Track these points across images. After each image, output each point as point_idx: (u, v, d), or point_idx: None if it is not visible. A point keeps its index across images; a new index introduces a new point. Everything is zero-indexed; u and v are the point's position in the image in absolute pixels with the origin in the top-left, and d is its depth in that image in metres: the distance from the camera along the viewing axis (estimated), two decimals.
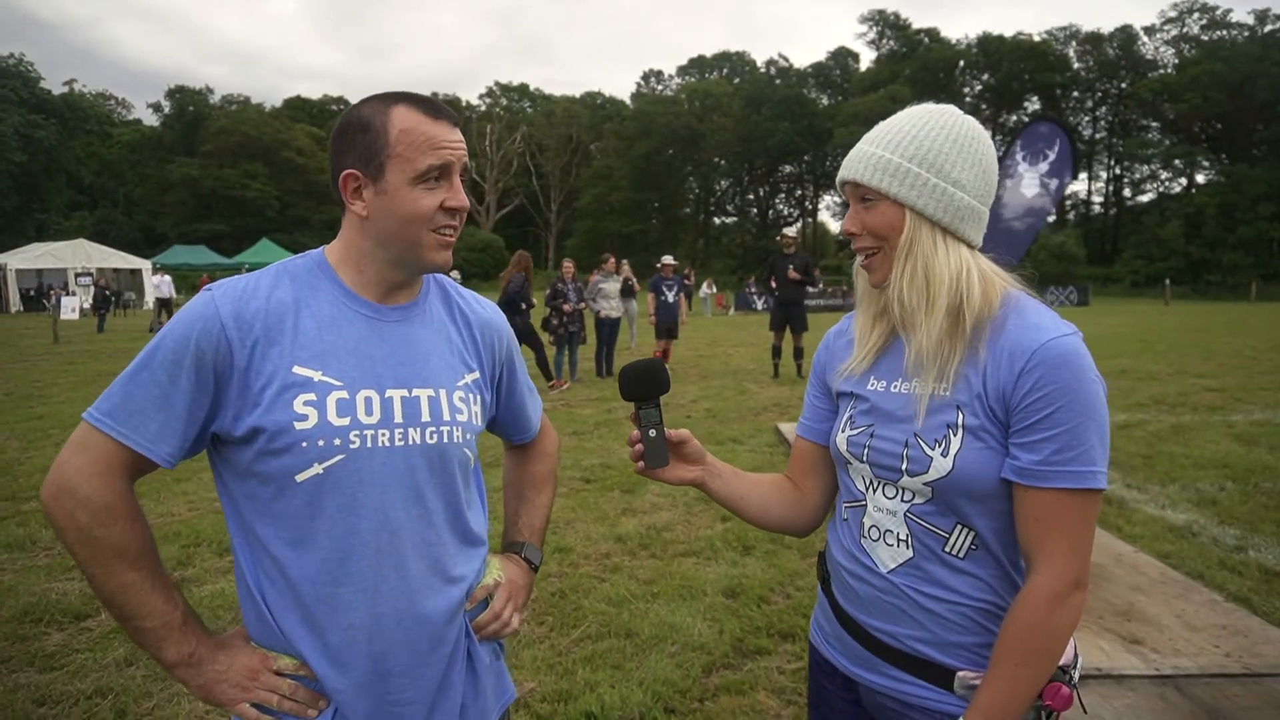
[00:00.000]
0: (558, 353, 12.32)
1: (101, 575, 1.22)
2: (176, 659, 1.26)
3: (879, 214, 1.30)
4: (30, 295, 36.61)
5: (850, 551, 1.40)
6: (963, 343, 1.26)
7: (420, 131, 1.27)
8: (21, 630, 3.75)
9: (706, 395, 10.91)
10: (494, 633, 1.47)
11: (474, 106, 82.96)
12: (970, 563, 1.28)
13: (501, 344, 1.55)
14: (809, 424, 1.55)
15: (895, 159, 1.29)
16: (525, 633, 3.69)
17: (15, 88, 57.40)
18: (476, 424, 1.45)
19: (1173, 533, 5.03)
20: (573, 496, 5.94)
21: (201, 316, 1.25)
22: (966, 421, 1.24)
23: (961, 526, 1.27)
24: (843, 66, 76.47)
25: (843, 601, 1.42)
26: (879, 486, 1.35)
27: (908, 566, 1.30)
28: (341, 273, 1.35)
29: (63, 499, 1.20)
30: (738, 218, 79.38)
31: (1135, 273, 56.93)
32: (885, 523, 1.33)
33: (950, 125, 1.31)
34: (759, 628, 3.69)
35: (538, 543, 1.66)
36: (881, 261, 1.33)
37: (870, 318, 1.42)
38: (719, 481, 1.51)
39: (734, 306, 37.06)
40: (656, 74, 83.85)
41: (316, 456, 1.25)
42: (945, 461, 1.24)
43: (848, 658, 1.42)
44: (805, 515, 1.57)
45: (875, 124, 1.39)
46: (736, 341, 19.58)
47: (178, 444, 1.25)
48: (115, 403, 1.23)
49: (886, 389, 1.36)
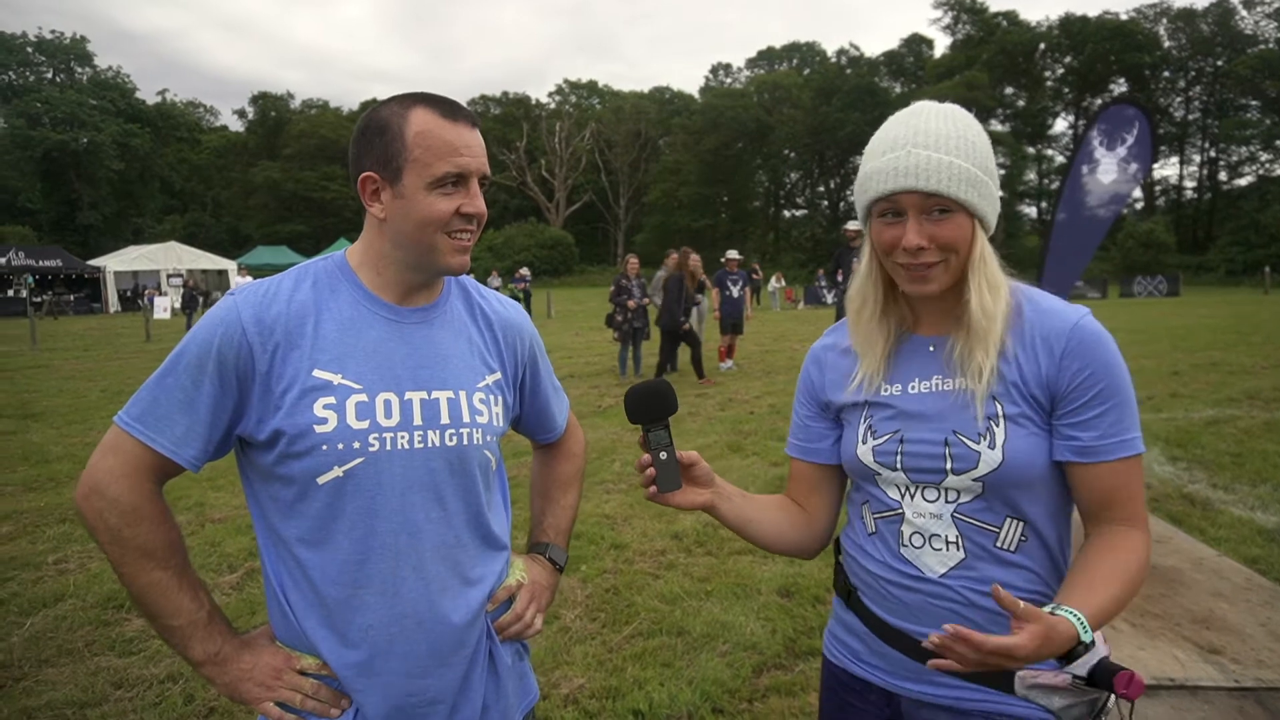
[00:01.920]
0: (622, 349, 12.35)
1: (130, 573, 1.25)
2: (202, 657, 1.28)
3: (955, 225, 1.24)
4: (126, 296, 38.52)
5: (888, 563, 1.36)
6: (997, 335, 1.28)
7: (437, 136, 1.27)
8: (105, 616, 3.95)
9: (770, 391, 10.79)
10: (516, 634, 1.46)
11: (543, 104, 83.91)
12: (1021, 555, 1.28)
13: (524, 344, 1.54)
14: (804, 444, 1.52)
15: (970, 168, 1.24)
16: (576, 628, 3.71)
17: (113, 99, 60.35)
18: (498, 425, 1.44)
19: (1262, 536, 4.76)
20: (631, 493, 5.95)
21: (224, 321, 1.26)
22: (1007, 411, 1.25)
23: (1012, 519, 1.27)
24: (916, 54, 74.58)
25: (884, 614, 1.38)
26: (917, 491, 1.32)
27: (960, 568, 1.28)
28: (362, 275, 1.36)
29: (93, 499, 1.24)
30: (808, 210, 78.20)
31: (1231, 260, 53.95)
32: (930, 527, 1.31)
33: (975, 123, 1.29)
34: (813, 628, 3.63)
35: (562, 543, 1.65)
36: (942, 272, 1.27)
37: (874, 323, 1.37)
38: (728, 505, 1.47)
39: (803, 300, 36.57)
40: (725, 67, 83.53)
41: (336, 459, 1.26)
42: (995, 454, 1.24)
43: (891, 672, 1.38)
44: (813, 535, 1.54)
45: None
46: (804, 336, 19.32)
47: (201, 447, 1.27)
48: (143, 407, 1.26)
49: (904, 391, 1.34)
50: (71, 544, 4.96)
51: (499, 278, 32.91)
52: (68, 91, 57.68)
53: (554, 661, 3.42)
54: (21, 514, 5.67)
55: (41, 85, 58.38)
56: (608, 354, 14.58)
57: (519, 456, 6.44)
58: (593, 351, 16.17)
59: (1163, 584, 3.96)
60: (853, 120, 64.12)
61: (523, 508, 1.78)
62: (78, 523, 5.31)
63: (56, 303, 35.64)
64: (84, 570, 4.52)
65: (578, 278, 64.18)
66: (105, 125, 56.84)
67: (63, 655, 3.55)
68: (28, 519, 5.56)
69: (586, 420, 8.86)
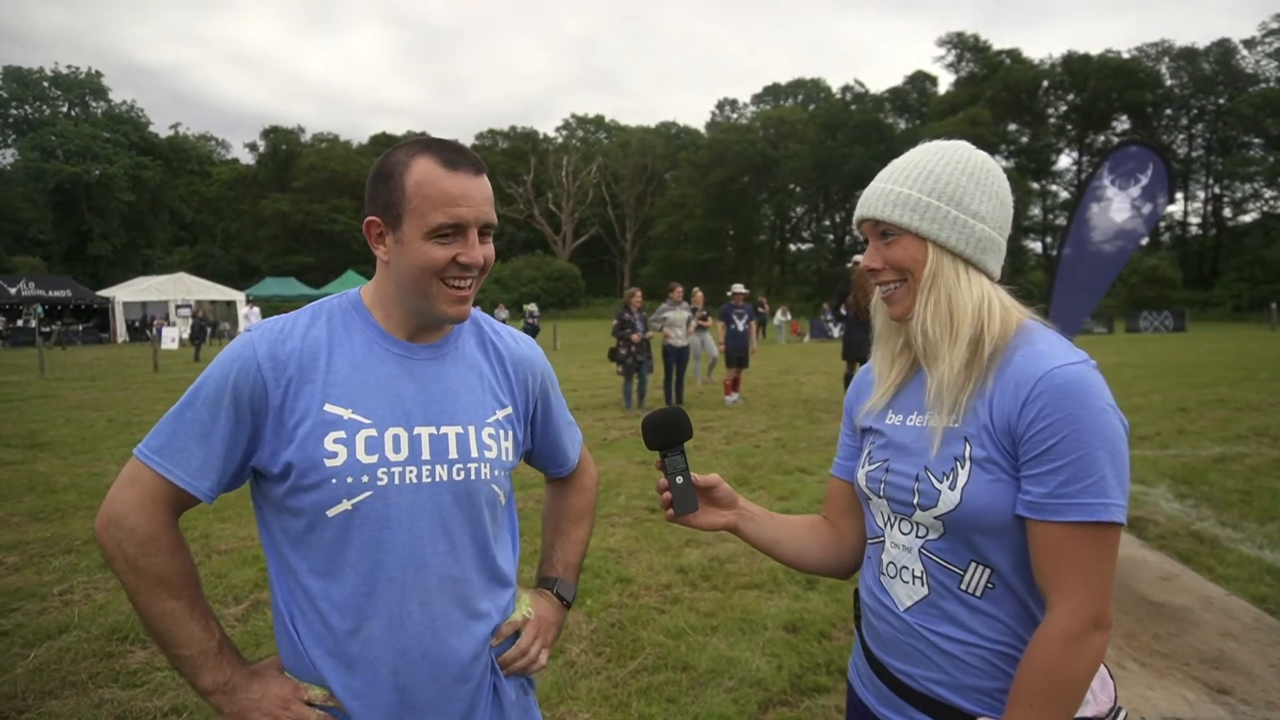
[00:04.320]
0: (626, 381, 12.37)
1: (145, 602, 1.28)
2: (212, 686, 1.30)
3: (901, 248, 1.31)
4: (135, 326, 38.74)
5: (871, 589, 1.40)
6: (978, 373, 1.25)
7: (435, 186, 1.28)
8: (109, 648, 3.94)
9: (776, 425, 10.78)
10: (521, 669, 1.47)
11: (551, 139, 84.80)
12: (988, 602, 1.24)
13: (535, 379, 1.56)
14: (842, 463, 1.55)
15: (915, 194, 1.29)
16: (582, 663, 3.70)
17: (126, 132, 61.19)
18: (507, 460, 1.45)
19: (1270, 574, 4.72)
20: (637, 526, 5.93)
21: (240, 357, 1.30)
22: (974, 453, 1.22)
23: (976, 564, 1.24)
24: (920, 90, 75.38)
25: (869, 641, 1.42)
26: (895, 522, 1.34)
27: (924, 605, 1.29)
28: (375, 313, 1.40)
29: (112, 529, 1.28)
30: (813, 244, 78.64)
31: (1237, 296, 54.02)
32: (901, 559, 1.32)
33: (965, 159, 1.32)
34: (819, 664, 3.61)
35: (571, 578, 1.65)
36: (904, 295, 1.33)
37: (890, 353, 1.42)
38: (752, 525, 1.50)
39: (809, 334, 36.62)
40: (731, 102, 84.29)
41: (345, 493, 1.29)
42: (953, 495, 1.23)
43: (876, 698, 1.40)
44: (844, 556, 1.55)
45: None
46: (810, 370, 19.33)
47: (216, 479, 1.31)
48: (163, 440, 1.30)
49: (902, 423, 1.37)
50: (77, 575, 4.96)
51: (505, 310, 33.00)
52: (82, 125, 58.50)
53: (559, 696, 3.40)
54: (27, 544, 5.67)
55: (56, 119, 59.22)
56: (613, 386, 14.60)
57: (527, 489, 6.44)
58: (598, 384, 16.18)
59: (1171, 623, 3.93)
60: (857, 155, 64.65)
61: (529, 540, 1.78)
62: (83, 553, 5.31)
63: (65, 333, 35.83)
64: (89, 601, 4.52)
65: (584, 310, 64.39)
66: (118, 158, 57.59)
67: (66, 687, 3.54)
68: (33, 549, 5.56)
69: (593, 453, 8.79)
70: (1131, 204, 5.68)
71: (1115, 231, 5.85)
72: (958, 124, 57.99)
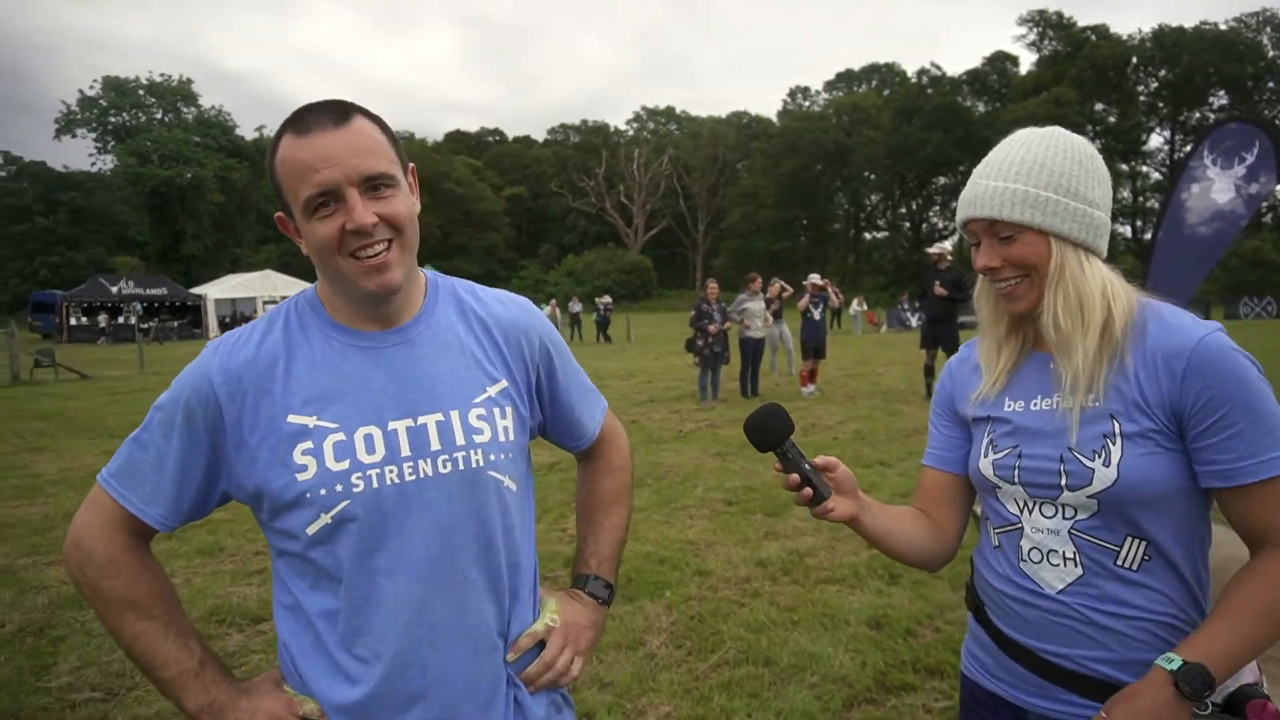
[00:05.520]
0: (701, 373, 12.33)
1: (114, 625, 1.23)
2: (195, 708, 1.23)
3: (1023, 246, 1.30)
4: (225, 322, 40.39)
5: (1009, 577, 1.37)
6: (1111, 352, 1.27)
7: (292, 160, 1.15)
8: (207, 630, 4.10)
9: (854, 417, 10.60)
10: (549, 683, 1.34)
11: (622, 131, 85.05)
12: (1145, 575, 1.26)
13: (531, 344, 1.39)
14: (939, 453, 1.54)
15: (1032, 190, 1.28)
16: (663, 655, 3.69)
17: (215, 135, 63.64)
18: (505, 440, 1.30)
19: None
20: (715, 519, 5.91)
21: (194, 373, 1.23)
22: (1124, 429, 1.24)
23: (1132, 538, 1.25)
24: (1000, 71, 72.92)
25: (1007, 629, 1.39)
26: (1035, 506, 1.33)
27: (1078, 585, 1.28)
28: (329, 307, 1.28)
29: (73, 553, 1.24)
30: (889, 232, 76.96)
31: None
32: (1048, 543, 1.31)
33: (1071, 147, 1.32)
34: (904, 662, 3.53)
35: (607, 573, 1.48)
36: (1027, 290, 1.32)
37: (995, 341, 1.43)
38: (869, 516, 1.44)
39: (886, 324, 35.91)
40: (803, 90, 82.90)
41: (321, 506, 1.18)
42: (1109, 471, 1.24)
43: (1017, 686, 1.37)
44: (943, 547, 1.54)
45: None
46: (888, 361, 18.95)
47: (170, 505, 1.23)
48: (119, 464, 1.24)
49: (1026, 408, 1.36)
50: (177, 560, 5.18)
51: (579, 303, 33.28)
52: (174, 130, 61.09)
53: (640, 688, 3.40)
54: None
55: (151, 125, 61.93)
56: (687, 378, 14.58)
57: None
58: (672, 376, 16.18)
59: None
60: (934, 140, 63.01)
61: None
62: (182, 539, 5.54)
63: (161, 329, 37.63)
64: (189, 585, 4.72)
65: (656, 302, 64.50)
66: (207, 161, 59.91)
67: None
68: None
69: (668, 446, 8.85)
70: (1234, 184, 5.39)
71: (1213, 213, 5.55)
72: (1041, 104, 55.85)
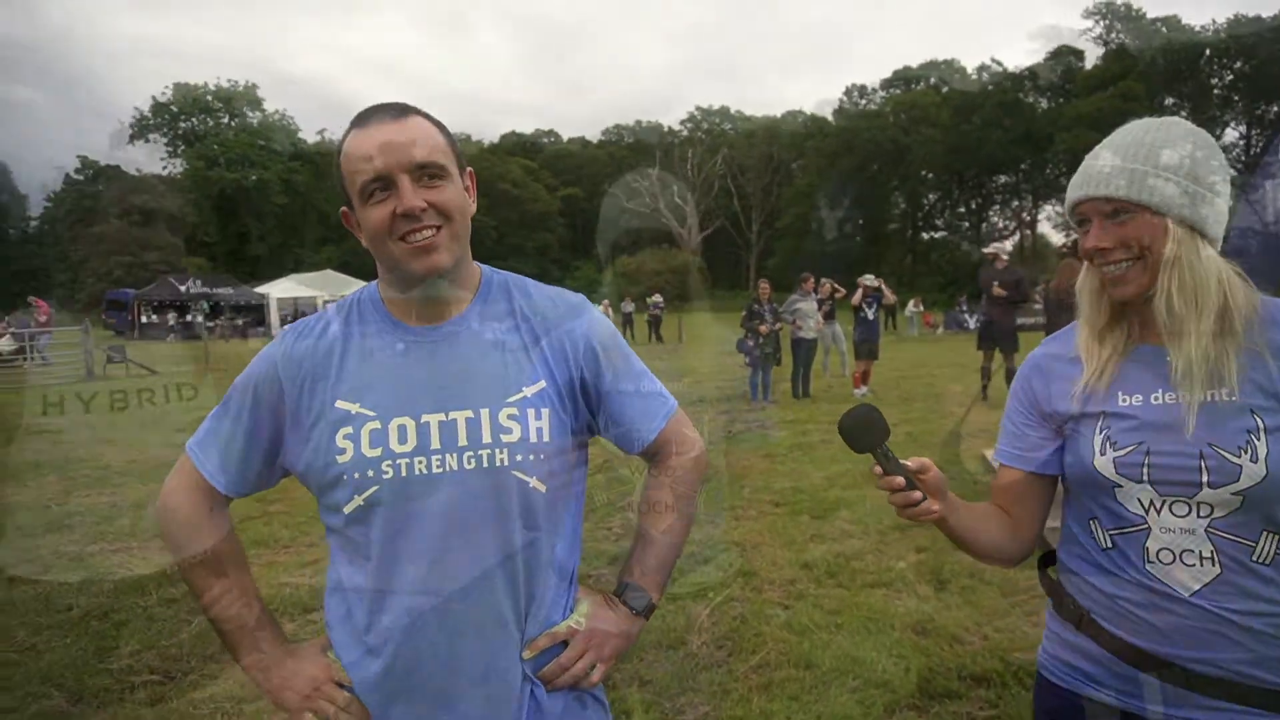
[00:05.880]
0: (752, 374, 12.26)
1: (189, 579, 1.38)
2: (248, 661, 1.36)
3: (1138, 226, 1.29)
4: (286, 320, 41.51)
5: (1139, 581, 1.32)
6: (1235, 345, 1.26)
7: (353, 151, 1.26)
8: None
9: (908, 419, 10.43)
10: (566, 685, 1.35)
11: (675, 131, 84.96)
12: (1275, 569, 1.25)
13: (576, 344, 1.38)
14: (1018, 452, 1.49)
15: (1150, 169, 1.29)
16: (703, 655, 3.68)
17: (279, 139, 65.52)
18: (539, 442, 1.31)
19: None
20: (761, 520, 5.87)
21: (265, 358, 1.36)
22: (1268, 424, 1.23)
23: (1268, 533, 1.24)
24: (1065, 66, 70.99)
25: (1132, 638, 1.32)
26: (1165, 505, 1.29)
27: (1215, 584, 1.26)
28: (386, 301, 1.38)
29: (162, 511, 1.39)
30: (947, 232, 75.46)
31: None
32: (1181, 543, 1.28)
33: (1190, 131, 1.33)
34: (950, 669, 3.46)
35: (650, 584, 1.44)
36: (1138, 273, 1.31)
37: (1095, 333, 1.40)
38: (955, 516, 1.41)
39: (943, 325, 35.22)
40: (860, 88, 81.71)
41: (355, 488, 1.27)
42: (1257, 467, 1.22)
43: (1147, 699, 1.32)
44: (1021, 544, 1.50)
45: (1104, 125, 1.40)
46: (943, 362, 18.58)
47: (236, 475, 1.37)
48: (201, 434, 1.40)
49: (1146, 402, 1.33)
50: None
51: (632, 302, 33.36)
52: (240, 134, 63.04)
53: (679, 687, 3.40)
54: None
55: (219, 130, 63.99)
56: (738, 379, 14.51)
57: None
58: (723, 376, 16.12)
59: None
60: (994, 138, 61.56)
61: None
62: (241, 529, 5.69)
63: (226, 327, 38.82)
64: None
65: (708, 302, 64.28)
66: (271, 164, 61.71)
67: (224, 652, 3.80)
68: None
69: (717, 446, 8.82)
70: None
71: None
72: (1108, 99, 54.09)
